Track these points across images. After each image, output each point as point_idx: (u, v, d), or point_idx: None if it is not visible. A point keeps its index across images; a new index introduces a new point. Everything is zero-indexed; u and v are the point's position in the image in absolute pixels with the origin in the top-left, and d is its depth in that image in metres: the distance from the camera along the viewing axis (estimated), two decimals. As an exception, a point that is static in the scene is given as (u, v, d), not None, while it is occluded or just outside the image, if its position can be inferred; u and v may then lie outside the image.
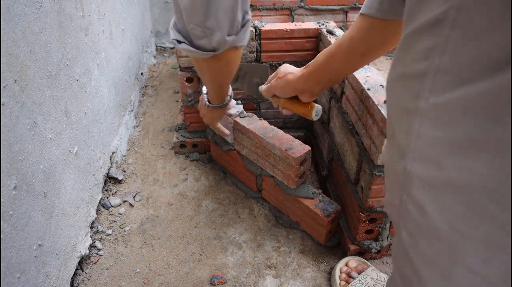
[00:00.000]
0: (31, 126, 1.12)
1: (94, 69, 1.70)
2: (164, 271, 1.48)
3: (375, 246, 1.46)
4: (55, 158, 1.27)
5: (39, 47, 1.17)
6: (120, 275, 1.46)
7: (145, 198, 1.82)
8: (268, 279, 1.45)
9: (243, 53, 1.81)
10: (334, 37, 1.71)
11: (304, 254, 1.55)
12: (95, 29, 1.73)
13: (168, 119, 2.41)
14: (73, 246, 1.39)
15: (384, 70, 3.01)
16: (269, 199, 1.75)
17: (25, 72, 1.09)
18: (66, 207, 1.35)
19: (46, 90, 1.22)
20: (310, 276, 1.47)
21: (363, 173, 1.34)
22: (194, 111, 1.97)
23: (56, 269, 1.26)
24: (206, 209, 1.76)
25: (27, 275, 1.08)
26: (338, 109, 1.61)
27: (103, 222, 1.67)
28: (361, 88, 1.33)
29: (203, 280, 1.44)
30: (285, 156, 1.49)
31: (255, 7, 2.95)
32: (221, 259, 1.53)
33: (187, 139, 2.05)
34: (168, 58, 3.27)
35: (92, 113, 1.65)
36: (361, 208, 1.37)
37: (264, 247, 1.58)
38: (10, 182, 1.00)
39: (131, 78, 2.39)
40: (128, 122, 2.23)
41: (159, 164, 2.03)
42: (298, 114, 1.20)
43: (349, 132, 1.48)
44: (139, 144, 2.18)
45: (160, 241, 1.60)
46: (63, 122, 1.35)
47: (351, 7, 3.01)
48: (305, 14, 3.03)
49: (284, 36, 1.79)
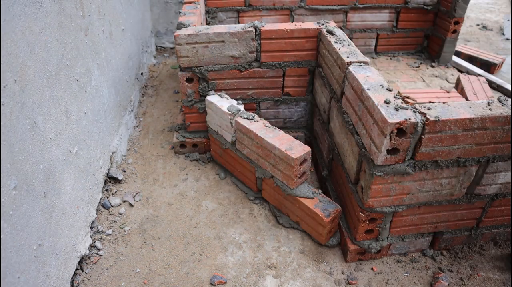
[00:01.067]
0: (31, 126, 1.12)
1: (94, 69, 1.69)
2: (164, 271, 1.48)
3: (375, 246, 1.46)
4: (55, 158, 1.27)
5: (39, 47, 1.17)
6: (120, 275, 1.46)
7: (145, 198, 1.82)
8: (268, 279, 1.45)
9: (243, 53, 1.81)
10: (334, 37, 1.71)
11: (304, 254, 1.55)
12: (95, 29, 1.73)
13: (168, 119, 2.41)
14: (73, 246, 1.39)
15: (384, 70, 3.01)
16: (269, 199, 1.75)
17: (25, 72, 1.09)
18: (66, 207, 1.35)
19: (46, 90, 1.22)
20: (310, 276, 1.46)
21: (363, 173, 1.33)
22: (194, 111, 1.97)
23: (56, 269, 1.26)
24: (206, 209, 1.76)
25: (27, 275, 1.08)
26: (338, 109, 1.61)
27: (103, 222, 1.67)
28: (361, 88, 1.33)
29: (203, 280, 1.44)
30: (285, 156, 1.49)
31: (255, 7, 2.95)
32: (221, 259, 1.53)
33: (187, 139, 2.05)
34: (168, 58, 3.27)
35: (92, 113, 1.65)
36: (361, 208, 1.37)
37: (264, 247, 1.58)
38: (10, 182, 1.00)
39: (131, 78, 2.39)
40: (128, 122, 2.23)
41: (159, 164, 2.03)
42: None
43: (349, 132, 1.48)
44: (139, 144, 2.18)
45: (160, 241, 1.60)
46: (63, 122, 1.35)
47: (351, 7, 3.01)
48: (305, 14, 3.03)
49: (284, 36, 1.79)
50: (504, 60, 3.18)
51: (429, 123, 1.14)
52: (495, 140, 1.22)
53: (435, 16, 3.05)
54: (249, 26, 1.78)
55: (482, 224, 1.51)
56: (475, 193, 1.38)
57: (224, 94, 1.84)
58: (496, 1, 5.20)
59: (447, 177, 1.30)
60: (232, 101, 1.79)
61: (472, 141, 1.21)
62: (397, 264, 1.52)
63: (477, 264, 1.52)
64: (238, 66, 1.86)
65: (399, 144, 1.17)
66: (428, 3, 2.98)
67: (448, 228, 1.49)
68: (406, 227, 1.45)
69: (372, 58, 3.18)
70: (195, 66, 1.82)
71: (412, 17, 3.05)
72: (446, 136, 1.18)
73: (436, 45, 3.10)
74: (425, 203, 1.38)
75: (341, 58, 1.54)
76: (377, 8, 2.99)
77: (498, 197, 1.41)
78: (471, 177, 1.32)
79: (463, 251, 1.57)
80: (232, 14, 2.93)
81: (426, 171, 1.27)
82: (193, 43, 1.75)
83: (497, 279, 1.46)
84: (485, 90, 2.57)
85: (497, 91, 2.85)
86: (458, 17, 2.84)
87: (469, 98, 2.48)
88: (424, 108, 1.19)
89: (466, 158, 1.25)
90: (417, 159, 1.23)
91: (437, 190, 1.34)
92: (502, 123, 1.17)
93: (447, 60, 3.10)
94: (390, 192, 1.31)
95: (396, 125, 1.12)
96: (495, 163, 1.29)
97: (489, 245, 1.59)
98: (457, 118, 1.14)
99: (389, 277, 1.46)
